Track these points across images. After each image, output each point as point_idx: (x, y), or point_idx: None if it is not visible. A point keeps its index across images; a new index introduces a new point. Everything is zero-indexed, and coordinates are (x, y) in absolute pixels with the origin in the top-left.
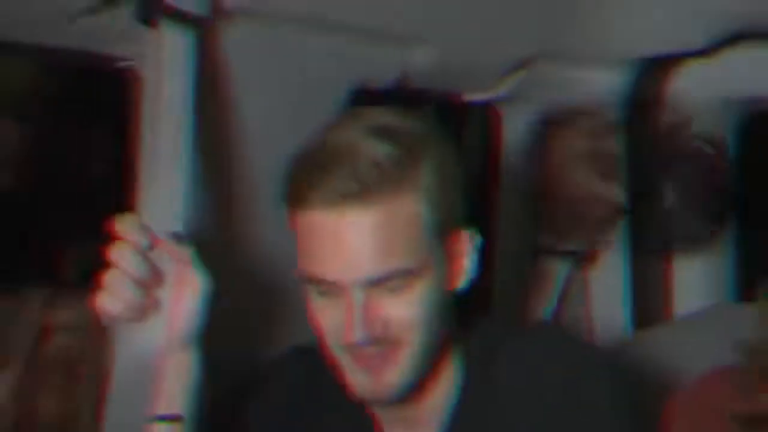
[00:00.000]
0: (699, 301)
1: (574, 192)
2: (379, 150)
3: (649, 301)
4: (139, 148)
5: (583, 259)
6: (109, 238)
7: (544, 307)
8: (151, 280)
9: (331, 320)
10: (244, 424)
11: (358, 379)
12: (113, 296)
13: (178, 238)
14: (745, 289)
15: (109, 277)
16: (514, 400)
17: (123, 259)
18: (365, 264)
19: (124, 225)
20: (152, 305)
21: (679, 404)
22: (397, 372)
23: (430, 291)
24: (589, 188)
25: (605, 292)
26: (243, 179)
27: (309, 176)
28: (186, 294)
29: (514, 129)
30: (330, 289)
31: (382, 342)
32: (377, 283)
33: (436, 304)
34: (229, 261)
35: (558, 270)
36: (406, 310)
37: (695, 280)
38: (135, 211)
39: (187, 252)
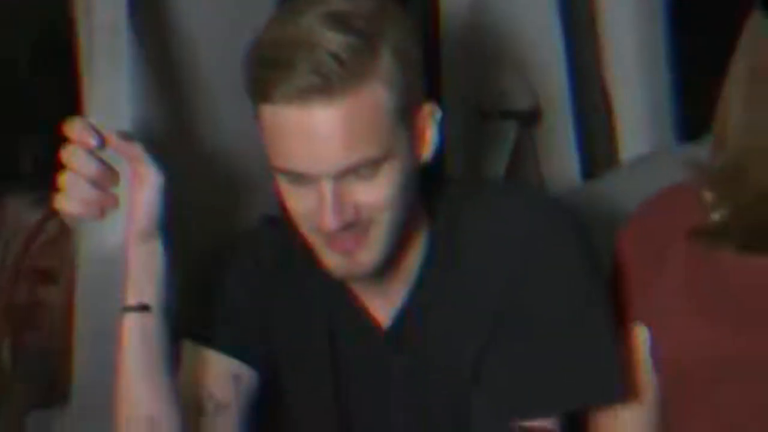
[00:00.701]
0: (645, 146)
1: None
2: (337, 40)
3: (597, 152)
4: (78, 49)
5: (529, 116)
6: (62, 140)
7: (494, 168)
8: (105, 178)
9: (303, 206)
10: (218, 295)
11: (332, 261)
12: (70, 197)
13: (126, 135)
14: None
15: (65, 179)
16: (479, 259)
17: (75, 160)
18: (332, 156)
19: (73, 127)
20: (110, 202)
21: (629, 228)
22: (370, 252)
23: (397, 172)
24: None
25: (553, 147)
26: (193, 67)
27: (269, 72)
28: (141, 188)
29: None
30: (300, 178)
31: (355, 225)
32: (346, 173)
33: (403, 182)
34: (186, 150)
35: (505, 130)
36: (376, 194)
37: (640, 125)
38: (82, 113)
39: (136, 148)
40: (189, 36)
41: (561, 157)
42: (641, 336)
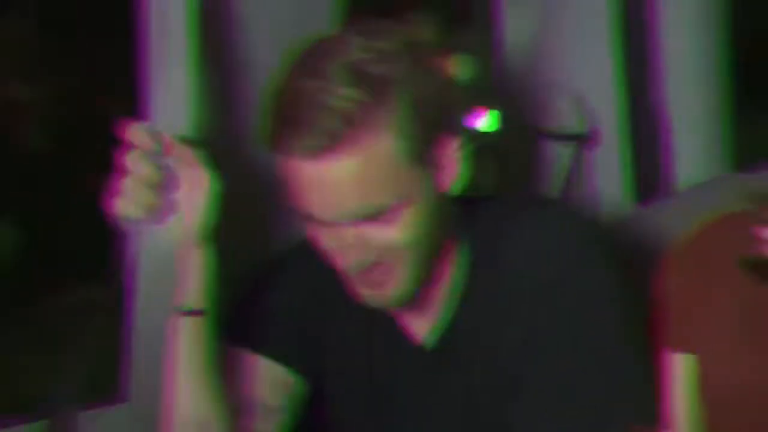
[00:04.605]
0: (701, 174)
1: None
2: (349, 97)
3: (651, 177)
4: (145, 54)
5: (583, 139)
6: (123, 145)
7: (549, 189)
8: (164, 183)
9: (326, 244)
10: (268, 303)
11: (362, 293)
12: (129, 201)
13: (188, 140)
14: (746, 161)
15: (125, 183)
16: (514, 283)
17: (136, 164)
18: (345, 206)
19: (135, 132)
20: (168, 207)
21: (677, 255)
22: (398, 287)
23: (417, 213)
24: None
25: (607, 170)
26: (247, 79)
27: (280, 129)
28: (198, 194)
29: (515, 26)
30: (319, 221)
31: (379, 265)
32: (362, 220)
33: (428, 220)
34: (234, 160)
35: (561, 153)
36: (396, 237)
37: (697, 152)
38: (145, 116)
39: (197, 154)
40: (250, 44)
41: (615, 181)
42: (686, 364)
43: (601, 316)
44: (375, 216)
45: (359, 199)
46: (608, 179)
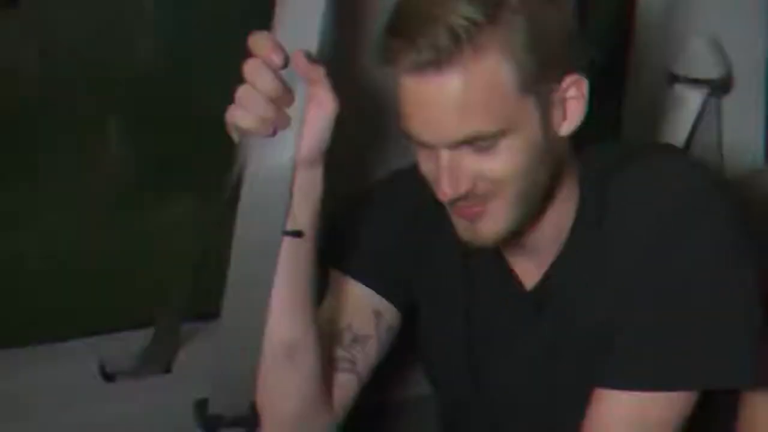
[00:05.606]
0: None
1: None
2: (461, 16)
3: None
4: None
5: (719, 86)
6: (245, 54)
7: (676, 135)
8: (281, 97)
9: (426, 168)
10: (370, 230)
11: (457, 226)
12: (244, 110)
13: (311, 57)
14: None
15: (242, 92)
16: (622, 237)
17: (256, 75)
18: (446, 127)
19: (259, 42)
20: (282, 122)
21: None
22: (492, 223)
23: (521, 146)
24: None
25: (740, 121)
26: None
27: (392, 42)
28: (315, 113)
29: None
30: (421, 143)
31: (474, 196)
32: (461, 144)
33: (532, 155)
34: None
35: (692, 98)
36: (494, 167)
37: None
38: (271, 28)
39: (319, 72)
40: None
41: (746, 132)
42: None
43: (707, 281)
44: (474, 141)
45: (460, 121)
46: (739, 130)
